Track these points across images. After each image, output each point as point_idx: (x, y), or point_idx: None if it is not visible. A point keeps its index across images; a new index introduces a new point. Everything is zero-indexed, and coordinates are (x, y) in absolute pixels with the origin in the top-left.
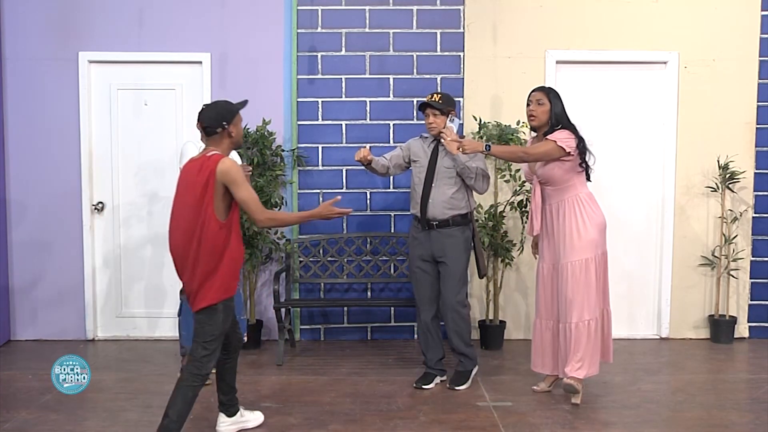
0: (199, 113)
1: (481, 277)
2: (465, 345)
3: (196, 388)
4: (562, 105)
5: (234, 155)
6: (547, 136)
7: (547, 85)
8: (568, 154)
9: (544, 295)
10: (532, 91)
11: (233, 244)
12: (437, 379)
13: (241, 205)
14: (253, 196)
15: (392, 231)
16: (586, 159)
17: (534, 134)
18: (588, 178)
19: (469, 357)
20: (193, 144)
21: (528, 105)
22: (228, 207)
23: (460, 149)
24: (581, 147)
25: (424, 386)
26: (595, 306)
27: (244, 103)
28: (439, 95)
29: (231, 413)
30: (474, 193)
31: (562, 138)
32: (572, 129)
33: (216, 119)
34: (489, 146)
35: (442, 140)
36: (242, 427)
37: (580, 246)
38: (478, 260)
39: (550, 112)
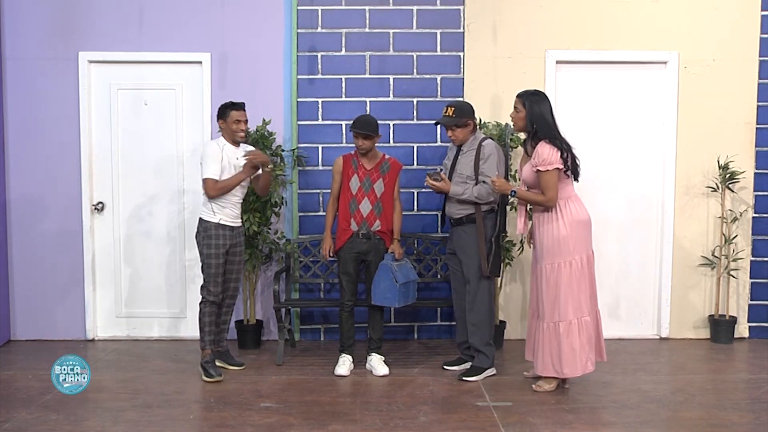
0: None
1: (484, 276)
2: (481, 343)
3: (340, 312)
4: (542, 108)
5: (215, 146)
6: (537, 165)
7: (532, 88)
8: (559, 168)
9: (531, 290)
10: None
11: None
12: (467, 365)
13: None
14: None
15: None
16: (572, 163)
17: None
18: (576, 179)
19: (485, 355)
20: (217, 144)
21: None
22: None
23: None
24: (564, 156)
25: (445, 367)
26: (566, 310)
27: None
28: (453, 108)
29: (368, 352)
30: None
31: (548, 160)
32: (551, 137)
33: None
34: (515, 192)
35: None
36: (369, 368)
37: (551, 250)
38: (481, 258)
39: (526, 118)
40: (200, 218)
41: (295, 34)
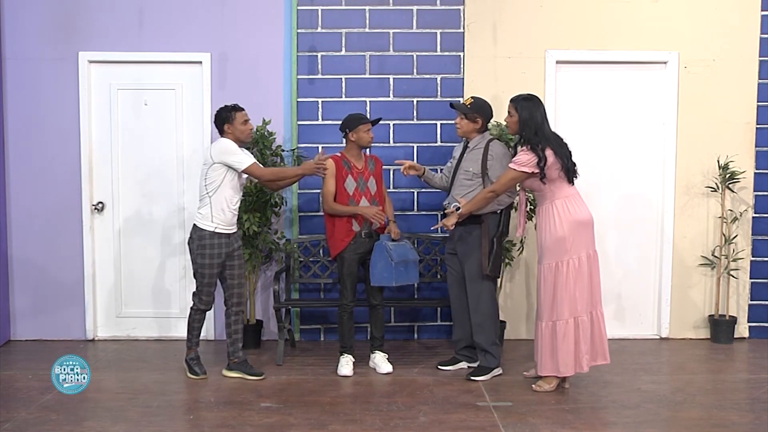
0: None
1: (483, 276)
2: (487, 342)
3: (341, 314)
4: (532, 113)
5: (230, 145)
6: (510, 162)
7: (525, 93)
8: (532, 173)
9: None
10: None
11: (335, 219)
12: (461, 365)
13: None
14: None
15: None
16: (564, 165)
17: None
18: (570, 180)
19: (492, 355)
20: (230, 141)
21: None
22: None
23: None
24: (543, 165)
25: (440, 366)
26: (562, 309)
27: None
28: (472, 100)
29: (371, 350)
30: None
31: (521, 161)
32: (533, 144)
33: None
34: (458, 207)
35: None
36: (373, 366)
37: (550, 250)
38: (482, 258)
39: (518, 122)
40: (195, 225)
41: (295, 34)
